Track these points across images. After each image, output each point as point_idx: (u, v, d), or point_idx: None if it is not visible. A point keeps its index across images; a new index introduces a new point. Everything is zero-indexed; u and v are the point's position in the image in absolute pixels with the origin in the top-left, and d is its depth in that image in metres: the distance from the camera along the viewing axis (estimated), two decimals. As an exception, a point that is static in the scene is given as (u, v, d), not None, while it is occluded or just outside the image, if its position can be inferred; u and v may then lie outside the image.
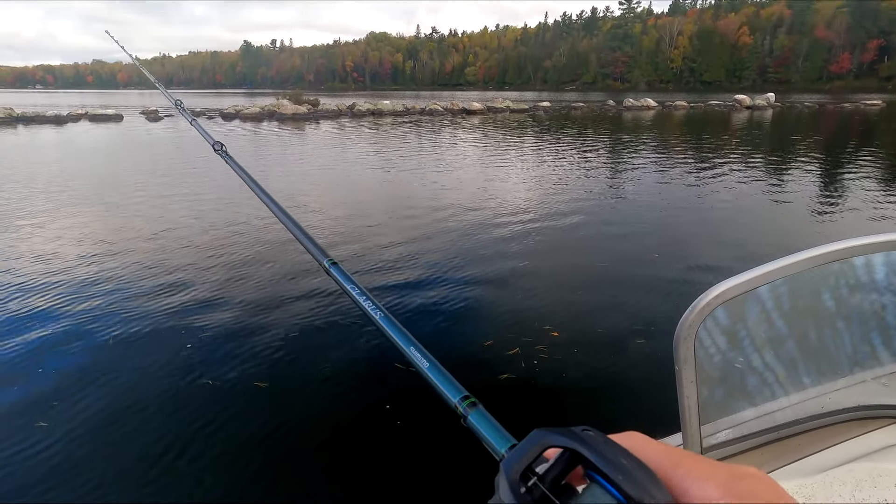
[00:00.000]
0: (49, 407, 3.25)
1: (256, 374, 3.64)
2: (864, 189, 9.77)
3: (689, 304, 1.06)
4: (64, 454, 2.84)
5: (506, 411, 2.30)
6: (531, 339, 4.08)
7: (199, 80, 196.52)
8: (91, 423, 3.10)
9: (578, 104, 43.73)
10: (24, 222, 7.74)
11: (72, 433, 3.01)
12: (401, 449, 2.90)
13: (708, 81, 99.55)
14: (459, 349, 4.02)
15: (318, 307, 4.70)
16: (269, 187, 1.19)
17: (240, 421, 3.13)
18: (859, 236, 1.14)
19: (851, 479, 1.14)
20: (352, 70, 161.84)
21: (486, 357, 3.86)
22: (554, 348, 3.94)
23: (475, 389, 2.43)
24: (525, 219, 7.81)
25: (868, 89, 66.75)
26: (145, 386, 3.48)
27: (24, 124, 27.31)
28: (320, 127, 26.19)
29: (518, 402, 3.34)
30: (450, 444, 2.78)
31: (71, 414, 3.18)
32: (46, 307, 4.72)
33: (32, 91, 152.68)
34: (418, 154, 15.71)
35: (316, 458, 2.86)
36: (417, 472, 2.73)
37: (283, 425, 3.08)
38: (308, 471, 2.78)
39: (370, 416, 3.18)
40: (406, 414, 3.16)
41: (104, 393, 3.40)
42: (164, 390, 3.43)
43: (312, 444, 2.97)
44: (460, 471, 2.63)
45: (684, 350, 1.10)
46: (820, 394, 1.31)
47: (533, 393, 3.42)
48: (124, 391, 3.43)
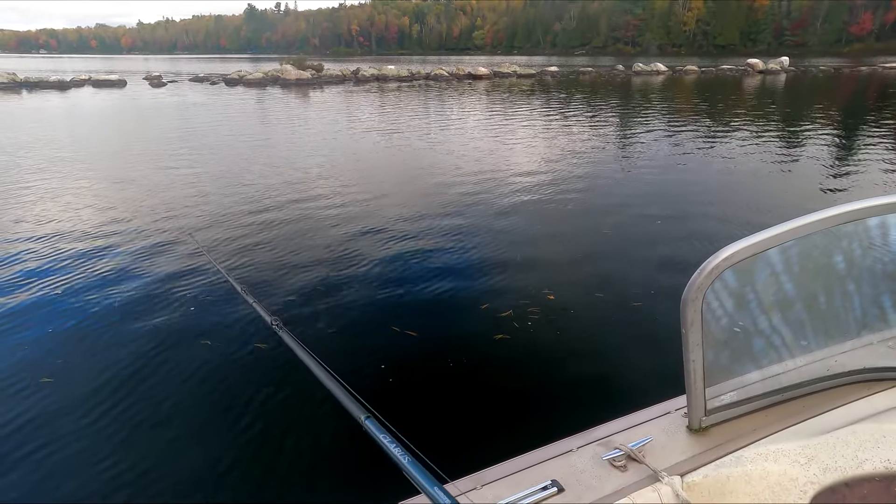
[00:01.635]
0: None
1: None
2: (877, 156, 9.59)
3: (689, 270, 1.07)
4: (66, 406, 2.99)
5: (498, 372, 2.68)
6: (527, 301, 4.13)
7: (203, 45, 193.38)
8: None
9: (587, 69, 42.81)
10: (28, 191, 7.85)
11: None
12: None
13: (722, 45, 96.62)
14: (456, 312, 4.07)
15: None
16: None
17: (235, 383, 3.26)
18: (874, 197, 1.14)
19: (855, 441, 1.14)
20: (357, 34, 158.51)
21: (480, 319, 3.92)
22: (549, 311, 3.99)
23: (469, 350, 2.89)
24: (526, 186, 7.80)
25: (890, 51, 63.74)
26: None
27: (28, 90, 27.22)
28: (324, 92, 25.93)
29: (509, 362, 3.40)
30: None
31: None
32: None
33: (36, 56, 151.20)
34: (421, 120, 15.58)
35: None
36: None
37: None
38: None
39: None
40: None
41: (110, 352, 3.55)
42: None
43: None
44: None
45: (692, 313, 1.11)
46: (826, 356, 1.32)
47: (524, 352, 3.48)
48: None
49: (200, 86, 30.62)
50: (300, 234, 5.79)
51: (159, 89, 28.63)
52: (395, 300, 4.23)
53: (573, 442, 1.22)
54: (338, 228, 5.97)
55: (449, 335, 3.72)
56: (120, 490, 2.40)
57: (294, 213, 6.52)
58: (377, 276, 4.69)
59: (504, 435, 2.70)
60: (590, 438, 1.23)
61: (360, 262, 5.01)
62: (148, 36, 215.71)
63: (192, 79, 35.21)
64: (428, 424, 2.77)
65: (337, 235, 5.74)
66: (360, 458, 2.48)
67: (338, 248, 5.34)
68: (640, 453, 1.14)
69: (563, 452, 1.19)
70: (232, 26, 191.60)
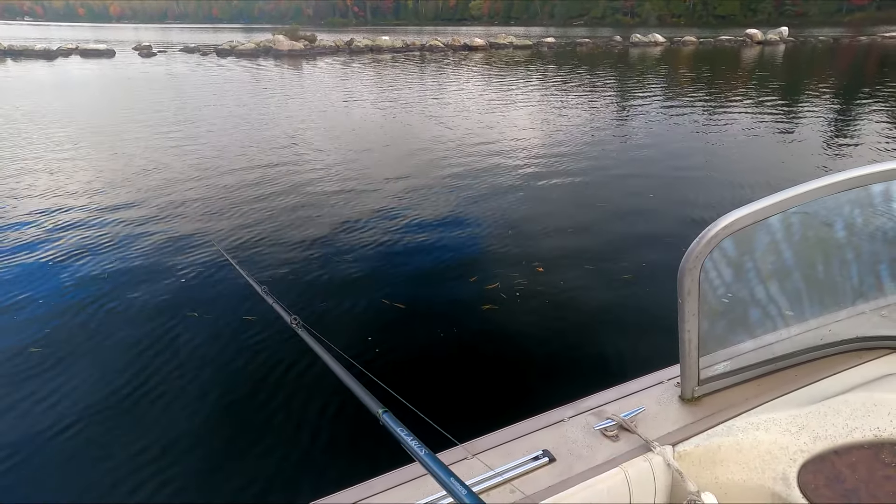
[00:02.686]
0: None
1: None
2: (876, 127, 9.55)
3: (680, 244, 1.08)
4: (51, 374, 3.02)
5: (484, 341, 2.73)
6: (516, 274, 4.17)
7: (194, 14, 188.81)
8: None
9: (584, 40, 42.12)
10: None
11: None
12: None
13: (722, 16, 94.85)
14: (445, 285, 4.11)
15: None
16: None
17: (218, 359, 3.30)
18: (879, 163, 1.10)
19: (846, 409, 1.14)
20: (352, 4, 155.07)
21: (469, 290, 3.97)
22: (537, 282, 4.04)
23: (457, 321, 2.98)
24: (518, 159, 7.80)
25: (892, 21, 62.33)
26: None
27: (13, 58, 26.65)
28: (317, 64, 25.50)
29: (495, 331, 3.45)
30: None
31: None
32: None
33: (21, 22, 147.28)
34: (415, 93, 15.42)
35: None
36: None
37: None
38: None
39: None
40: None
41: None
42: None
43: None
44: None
45: (689, 282, 1.09)
46: (820, 325, 1.31)
47: (513, 324, 3.53)
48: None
49: (191, 56, 30.04)
50: (291, 209, 5.80)
51: (149, 59, 28.09)
52: (384, 272, 4.26)
53: (565, 412, 1.22)
54: (327, 201, 5.98)
55: (440, 307, 3.76)
56: (143, 470, 2.41)
57: (282, 188, 6.53)
58: (368, 249, 4.71)
59: (493, 404, 2.75)
60: (581, 408, 1.23)
61: (349, 235, 5.03)
62: (138, 4, 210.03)
63: (182, 49, 34.48)
64: (420, 394, 2.82)
65: (327, 207, 5.76)
66: (378, 451, 2.50)
67: (326, 220, 5.37)
68: (632, 423, 1.15)
69: (555, 422, 1.19)
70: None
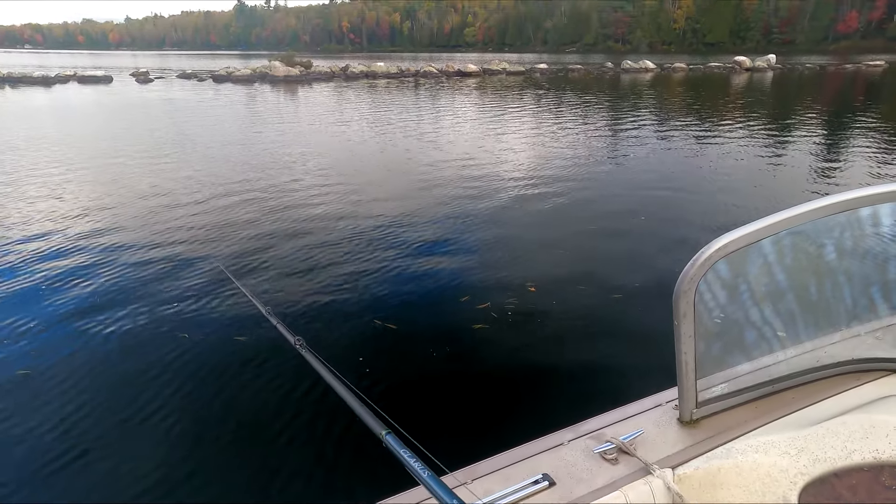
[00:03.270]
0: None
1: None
2: (862, 152, 9.70)
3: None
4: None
5: (476, 359, 2.78)
6: (509, 294, 4.22)
7: (192, 41, 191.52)
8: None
9: (576, 66, 42.92)
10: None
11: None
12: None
13: (711, 43, 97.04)
14: (437, 305, 4.14)
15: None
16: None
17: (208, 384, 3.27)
18: (866, 186, 1.12)
19: (844, 431, 1.13)
20: (348, 31, 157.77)
21: (461, 310, 4.01)
22: (529, 302, 4.09)
23: (449, 341, 3.04)
24: (509, 182, 7.86)
25: (875, 50, 64.89)
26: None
27: (11, 85, 26.88)
28: (313, 89, 25.82)
29: (489, 350, 3.49)
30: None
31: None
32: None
33: (21, 50, 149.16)
34: (408, 118, 15.58)
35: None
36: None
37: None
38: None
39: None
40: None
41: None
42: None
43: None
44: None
45: (684, 304, 1.09)
46: (816, 347, 1.31)
47: (501, 343, 3.56)
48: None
49: (188, 82, 30.38)
50: (288, 234, 5.80)
51: (146, 86, 28.37)
52: (376, 294, 4.29)
53: (564, 435, 1.22)
54: (320, 221, 5.99)
55: (433, 328, 3.78)
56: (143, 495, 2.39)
57: (277, 213, 6.53)
58: (363, 272, 4.73)
59: (490, 424, 2.76)
60: (581, 431, 1.23)
61: (345, 257, 5.05)
62: (136, 32, 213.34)
63: (179, 75, 34.91)
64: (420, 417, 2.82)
65: (321, 226, 5.77)
66: (381, 472, 2.49)
67: (320, 239, 5.38)
68: (632, 446, 1.14)
69: (555, 445, 1.19)
70: (221, 22, 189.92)
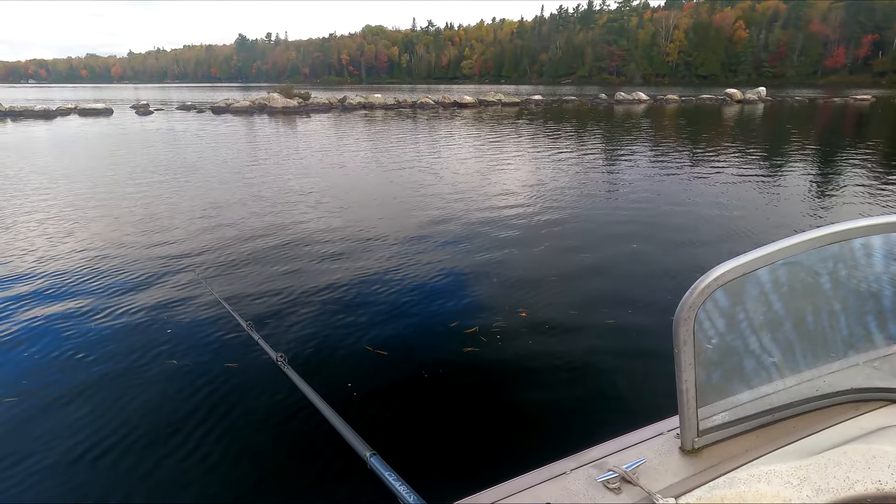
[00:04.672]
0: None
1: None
2: (851, 182, 9.80)
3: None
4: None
5: (464, 385, 2.85)
6: (499, 319, 4.24)
7: (193, 73, 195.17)
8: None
9: (570, 98, 43.72)
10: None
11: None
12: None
13: (703, 75, 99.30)
14: (426, 331, 4.15)
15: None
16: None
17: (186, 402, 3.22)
18: (858, 218, 1.15)
19: (846, 461, 1.13)
20: (347, 63, 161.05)
21: (450, 336, 4.03)
22: (520, 327, 4.12)
23: (438, 364, 3.20)
24: (502, 211, 7.88)
25: (862, 84, 67.04)
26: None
27: (13, 119, 27.20)
28: (311, 120, 26.16)
29: (478, 375, 3.51)
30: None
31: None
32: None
33: (25, 85, 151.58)
34: (402, 147, 15.75)
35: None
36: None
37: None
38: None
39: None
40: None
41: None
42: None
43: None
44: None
45: (684, 332, 1.10)
46: (815, 376, 1.32)
47: (490, 368, 3.58)
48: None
49: (187, 114, 30.78)
50: (282, 259, 5.79)
51: (146, 117, 28.74)
52: (366, 320, 4.31)
53: (566, 464, 1.21)
54: (313, 249, 5.98)
55: (419, 354, 3.79)
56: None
57: (270, 238, 6.52)
58: (352, 297, 4.75)
59: (493, 457, 2.74)
60: (583, 460, 1.22)
61: (334, 283, 5.05)
62: (138, 65, 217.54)
63: (179, 107, 35.40)
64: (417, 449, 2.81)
65: (312, 256, 5.75)
66: (364, 494, 2.47)
67: (310, 269, 5.36)
68: (634, 475, 1.14)
69: (557, 475, 1.17)
70: (222, 56, 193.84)
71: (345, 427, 1.14)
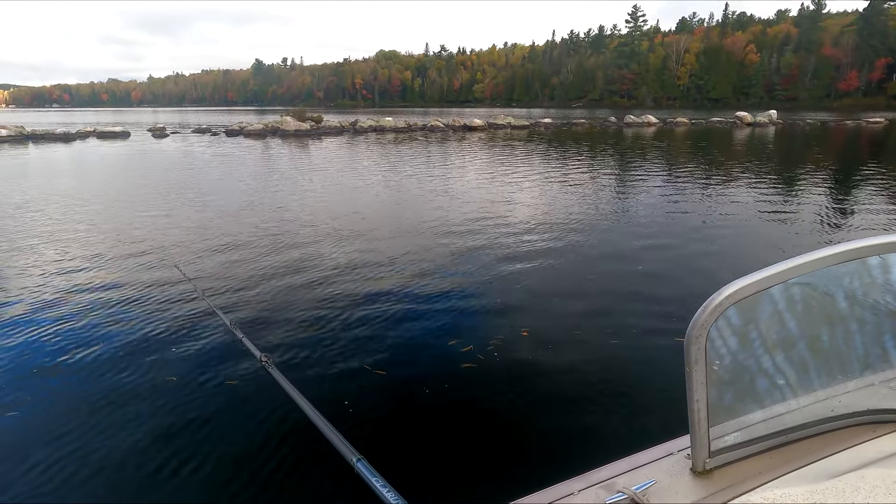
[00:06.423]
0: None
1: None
2: (865, 203, 9.73)
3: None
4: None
5: (461, 404, 2.90)
6: (501, 337, 4.28)
7: (211, 97, 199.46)
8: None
9: (580, 120, 43.96)
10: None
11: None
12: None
13: (715, 99, 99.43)
14: (428, 350, 4.19)
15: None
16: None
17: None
18: (875, 236, 1.13)
19: (864, 486, 1.08)
20: (361, 87, 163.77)
21: (449, 353, 4.07)
22: (521, 346, 4.16)
23: (439, 379, 3.25)
24: (505, 233, 7.90)
25: (877, 107, 66.57)
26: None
27: (34, 142, 27.96)
28: (322, 142, 26.56)
29: (475, 391, 3.54)
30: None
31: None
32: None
33: (49, 110, 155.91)
34: (410, 169, 15.91)
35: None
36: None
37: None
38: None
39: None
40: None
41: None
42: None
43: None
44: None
45: (695, 351, 1.08)
46: (829, 396, 1.27)
47: (488, 387, 3.59)
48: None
49: (202, 137, 31.41)
50: (277, 272, 5.85)
51: (162, 140, 29.38)
52: (366, 340, 4.35)
53: (573, 485, 1.18)
54: (312, 268, 6.04)
55: (420, 374, 3.81)
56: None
57: (276, 257, 6.60)
58: (354, 318, 4.79)
59: (497, 478, 2.73)
60: (591, 481, 1.19)
61: (337, 303, 5.11)
62: (158, 89, 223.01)
63: (194, 130, 36.17)
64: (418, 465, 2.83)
65: (313, 275, 5.81)
66: (350, 499, 2.48)
67: (316, 290, 5.43)
68: (644, 497, 1.10)
69: (564, 496, 1.14)
70: (239, 80, 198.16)
71: (330, 430, 1.13)
